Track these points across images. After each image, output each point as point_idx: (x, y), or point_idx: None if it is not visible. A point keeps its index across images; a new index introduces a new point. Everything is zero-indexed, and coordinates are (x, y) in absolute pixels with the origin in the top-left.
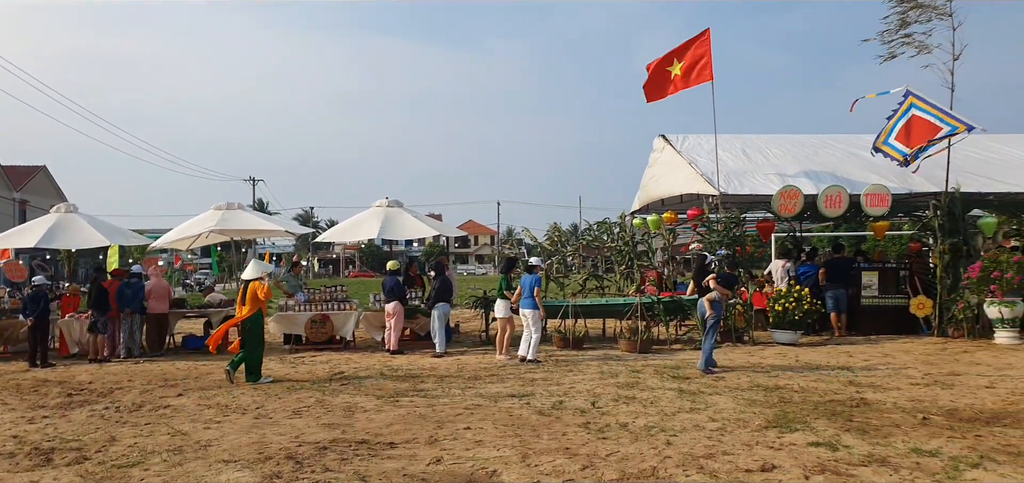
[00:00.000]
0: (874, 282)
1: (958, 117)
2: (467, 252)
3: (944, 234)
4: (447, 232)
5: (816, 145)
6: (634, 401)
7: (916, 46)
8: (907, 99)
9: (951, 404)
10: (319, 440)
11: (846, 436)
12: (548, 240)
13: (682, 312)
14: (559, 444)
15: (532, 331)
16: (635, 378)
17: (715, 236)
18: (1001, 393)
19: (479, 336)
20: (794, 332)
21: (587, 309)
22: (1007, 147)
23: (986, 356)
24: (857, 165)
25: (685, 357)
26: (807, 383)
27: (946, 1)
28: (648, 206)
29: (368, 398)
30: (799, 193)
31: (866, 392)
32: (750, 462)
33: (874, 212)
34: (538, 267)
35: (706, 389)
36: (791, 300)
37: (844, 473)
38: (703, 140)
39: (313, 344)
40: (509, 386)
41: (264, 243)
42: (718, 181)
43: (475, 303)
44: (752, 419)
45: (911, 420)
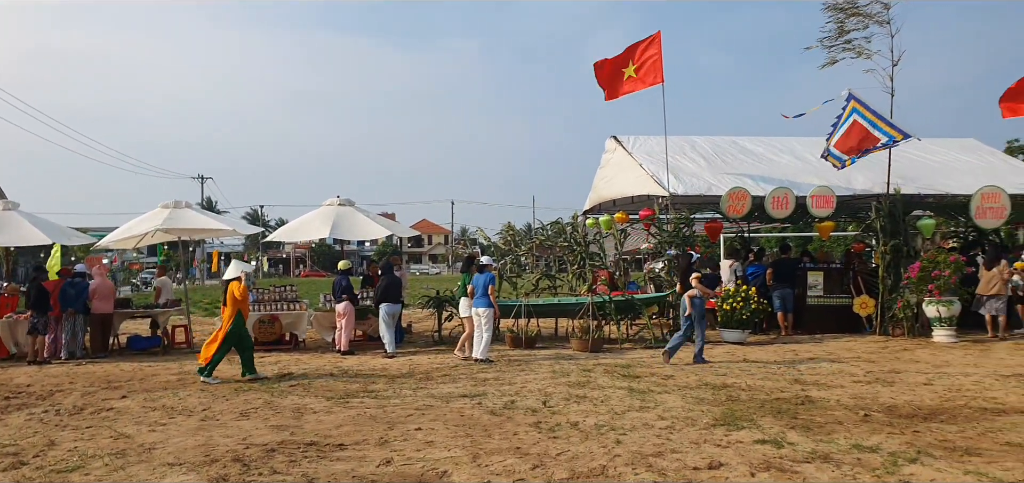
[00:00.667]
0: (819, 282)
1: (896, 126)
2: (421, 252)
3: (885, 235)
4: (400, 232)
5: (764, 147)
6: (585, 400)
7: (856, 51)
8: (850, 103)
9: (891, 401)
10: (267, 442)
11: (791, 433)
12: (502, 240)
13: (633, 311)
14: (510, 444)
15: (484, 331)
16: (586, 377)
17: (665, 236)
18: (938, 390)
19: (432, 336)
20: (742, 331)
21: (540, 308)
22: (945, 151)
23: (925, 354)
24: (803, 167)
25: (635, 356)
26: (754, 381)
27: (884, 9)
28: (600, 206)
29: (318, 399)
30: (747, 194)
31: (811, 390)
32: (698, 460)
33: (820, 213)
34: (491, 266)
35: (656, 388)
36: (739, 300)
37: (789, 470)
38: (653, 141)
39: (262, 345)
40: (461, 386)
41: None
42: (668, 182)
43: (428, 303)
44: (700, 417)
45: (853, 417)
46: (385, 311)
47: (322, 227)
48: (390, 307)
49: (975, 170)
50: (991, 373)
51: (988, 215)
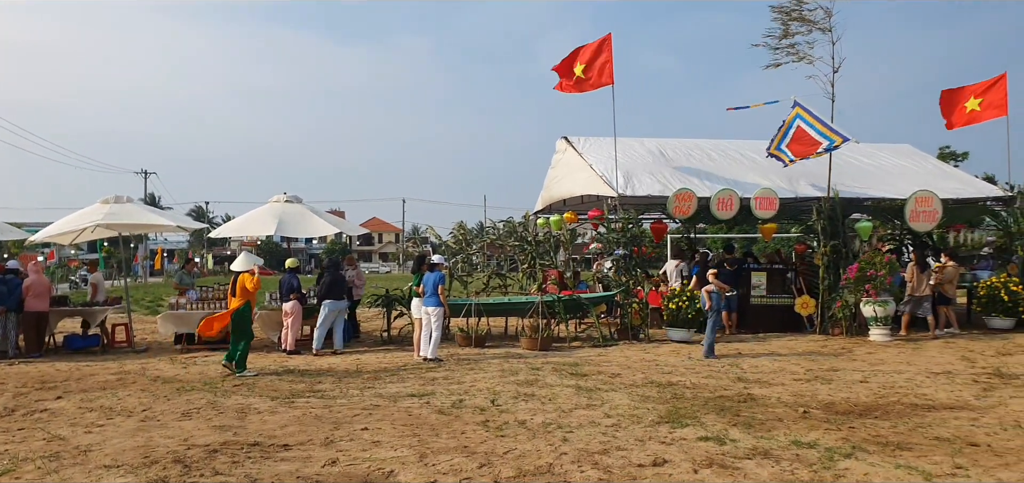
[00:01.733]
0: (763, 282)
1: (836, 130)
2: (371, 250)
3: (826, 237)
4: (349, 230)
5: (709, 149)
6: (533, 398)
7: (798, 56)
8: (794, 109)
9: (829, 398)
10: (209, 443)
11: (733, 430)
12: (453, 239)
13: (582, 310)
14: (457, 443)
15: (433, 330)
16: (535, 376)
17: (614, 236)
18: (873, 387)
19: (380, 335)
20: (687, 330)
21: (490, 307)
22: (882, 156)
23: (862, 352)
24: (748, 169)
25: (583, 354)
26: (699, 380)
27: (826, 16)
28: (551, 206)
29: (262, 399)
30: (693, 196)
31: (753, 388)
32: (643, 457)
33: (763, 215)
34: (441, 265)
35: (603, 386)
36: (684, 299)
37: (730, 466)
38: (603, 142)
39: (206, 343)
40: (409, 386)
41: (156, 239)
42: (616, 183)
43: (377, 302)
44: (646, 415)
45: (793, 414)
46: (328, 308)
47: (268, 224)
48: (333, 304)
49: (910, 175)
50: (922, 371)
51: (921, 218)
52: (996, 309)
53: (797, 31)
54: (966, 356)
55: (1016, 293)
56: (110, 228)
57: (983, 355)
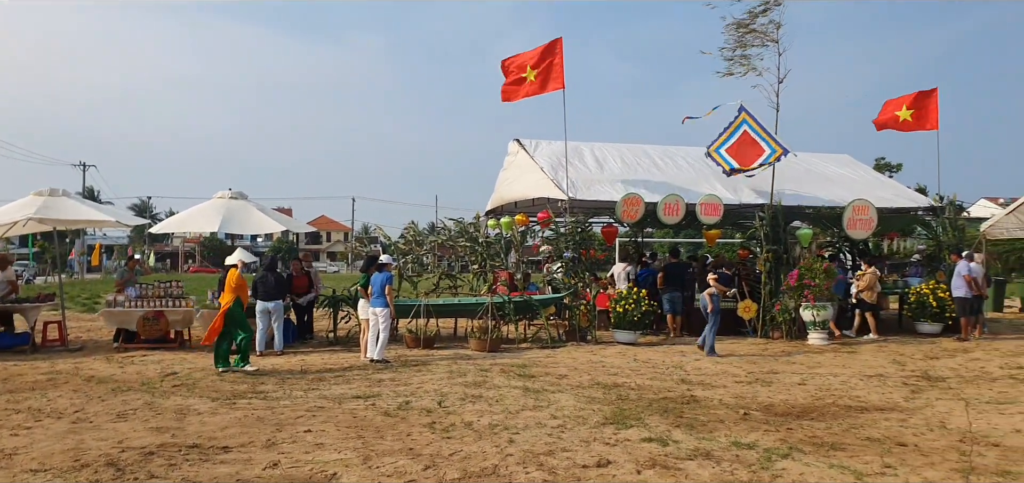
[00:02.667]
0: None
1: (778, 141)
2: (319, 249)
3: (768, 243)
4: (296, 227)
5: (658, 155)
6: (480, 400)
7: (747, 67)
8: (740, 115)
9: (769, 400)
10: (145, 445)
11: (676, 432)
12: (403, 239)
13: (531, 312)
14: (403, 445)
15: (381, 331)
16: (483, 377)
17: (563, 240)
18: (811, 390)
19: (326, 336)
20: (633, 332)
21: (439, 308)
22: (823, 164)
23: (800, 356)
24: (694, 175)
25: (532, 356)
26: (643, 381)
27: (774, 28)
28: (502, 207)
29: (202, 400)
30: (640, 200)
31: (696, 390)
32: (587, 458)
33: (707, 221)
34: (390, 265)
35: (549, 387)
36: (631, 302)
37: (672, 467)
38: (555, 146)
39: (145, 342)
40: (355, 387)
41: (94, 234)
42: (567, 186)
43: (323, 302)
44: (591, 416)
45: (734, 415)
46: (257, 308)
47: (212, 220)
48: (261, 304)
49: (848, 184)
50: (857, 374)
51: (858, 226)
52: (925, 314)
53: (751, 43)
54: (897, 360)
55: (943, 299)
56: (43, 223)
57: (913, 359)
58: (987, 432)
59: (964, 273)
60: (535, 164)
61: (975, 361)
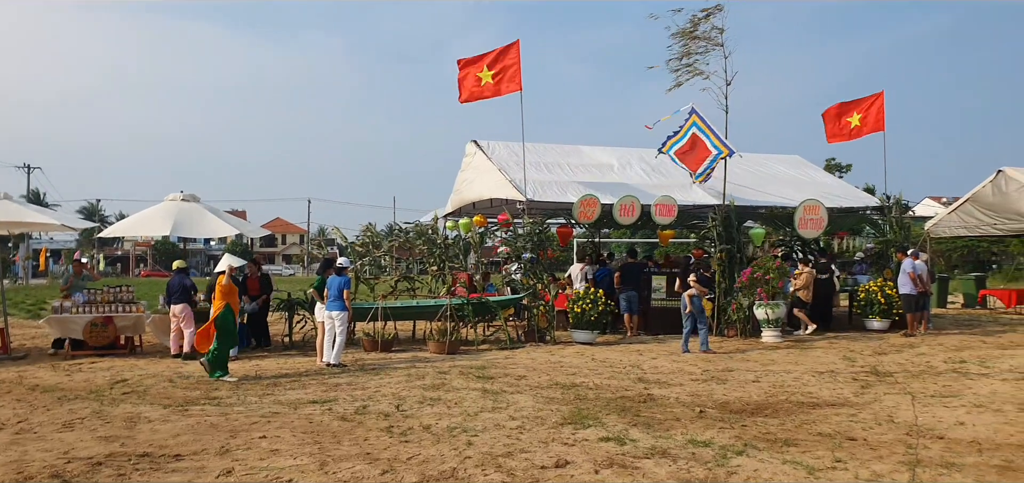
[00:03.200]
0: (663, 285)
1: (724, 142)
2: (274, 251)
3: (721, 242)
4: (250, 231)
5: (615, 157)
6: (439, 403)
7: (694, 71)
8: (691, 116)
9: (724, 398)
10: (93, 455)
11: (633, 430)
12: (360, 241)
13: (490, 313)
14: (360, 449)
15: (337, 334)
16: (441, 380)
17: (521, 240)
18: (764, 387)
19: (282, 340)
20: (591, 332)
21: (397, 311)
22: (774, 165)
23: (754, 353)
24: (649, 177)
25: (491, 357)
26: (601, 380)
27: (718, 33)
28: (460, 209)
29: (153, 407)
30: (597, 202)
31: (653, 388)
32: (545, 459)
33: (662, 222)
34: (346, 268)
35: (508, 389)
36: (588, 302)
37: (630, 466)
38: (512, 147)
39: (94, 349)
40: (311, 392)
41: (40, 238)
42: (525, 188)
43: (279, 306)
44: (549, 417)
45: (690, 413)
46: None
47: (163, 224)
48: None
49: (799, 184)
50: (809, 370)
51: (809, 226)
52: (873, 311)
53: (696, 50)
54: (847, 356)
55: (891, 296)
56: None
57: (862, 355)
58: (932, 425)
59: (909, 271)
60: (493, 165)
61: (921, 356)
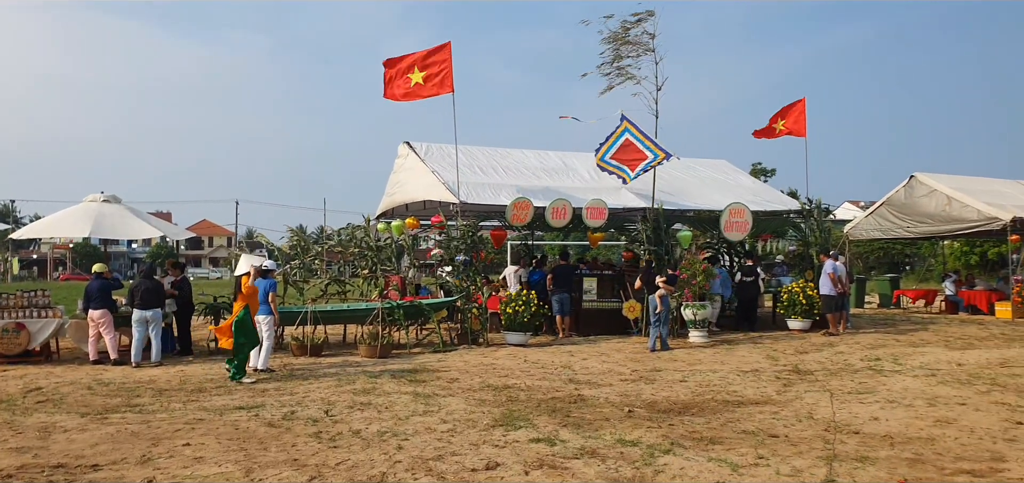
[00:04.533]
0: (594, 287)
1: (660, 145)
2: (200, 254)
3: (650, 245)
4: (174, 233)
5: (546, 159)
6: (369, 407)
7: (626, 76)
8: (622, 123)
9: (652, 397)
10: (2, 468)
11: (563, 431)
12: (288, 244)
13: (423, 316)
14: (287, 455)
15: (265, 339)
16: (372, 384)
17: (454, 243)
18: (691, 386)
19: (208, 346)
20: (524, 334)
21: (327, 315)
22: (701, 169)
23: (682, 353)
24: (581, 180)
25: (423, 361)
26: (533, 382)
27: (650, 38)
28: (393, 211)
29: (70, 416)
30: (529, 204)
31: (583, 389)
32: (476, 461)
33: (593, 224)
34: (272, 271)
35: (440, 392)
36: (521, 303)
37: (560, 467)
38: (445, 149)
39: (5, 358)
40: (237, 398)
41: None
42: (458, 190)
43: (204, 310)
44: (481, 419)
45: (619, 413)
46: (138, 316)
47: (82, 225)
48: (137, 313)
49: (725, 188)
50: (734, 369)
51: (734, 228)
52: (795, 311)
53: (627, 55)
54: (770, 355)
55: (812, 297)
56: None
57: (784, 354)
58: (849, 421)
59: (830, 272)
60: (426, 167)
61: (840, 354)
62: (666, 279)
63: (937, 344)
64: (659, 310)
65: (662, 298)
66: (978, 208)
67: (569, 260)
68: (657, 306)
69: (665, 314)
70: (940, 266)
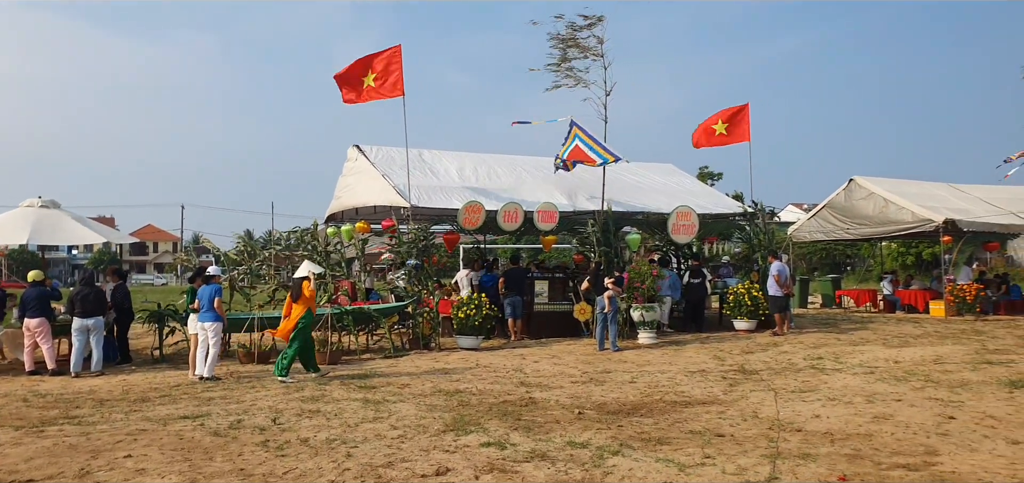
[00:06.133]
0: (545, 290)
1: (609, 149)
2: (144, 260)
3: (600, 247)
4: (117, 238)
5: (497, 163)
6: (318, 414)
7: (575, 79)
8: (572, 129)
9: (602, 399)
10: None
11: (514, 434)
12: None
13: (373, 322)
14: (233, 465)
15: (211, 346)
16: (321, 391)
17: (405, 247)
18: (640, 387)
19: (151, 354)
20: (476, 337)
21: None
22: (649, 174)
23: (631, 355)
24: (532, 183)
25: (374, 366)
26: (484, 386)
27: (599, 44)
28: (342, 215)
29: (4, 430)
30: (481, 208)
31: (534, 392)
32: (426, 467)
33: (544, 227)
34: (217, 276)
35: (391, 397)
36: (472, 307)
37: (510, 470)
38: (396, 153)
39: None
40: (182, 407)
41: None
42: (409, 194)
43: (148, 317)
44: (432, 424)
45: (569, 415)
46: (78, 325)
47: (19, 231)
48: (78, 321)
49: (672, 192)
50: (682, 370)
51: (681, 231)
52: (741, 312)
53: (574, 57)
54: (717, 355)
55: (757, 298)
56: None
57: (731, 354)
58: (792, 419)
59: (774, 273)
60: (376, 171)
61: (784, 354)
62: (614, 280)
63: (876, 343)
64: (606, 310)
65: (610, 299)
66: (913, 210)
67: (520, 263)
68: (605, 306)
69: (613, 314)
70: (879, 267)
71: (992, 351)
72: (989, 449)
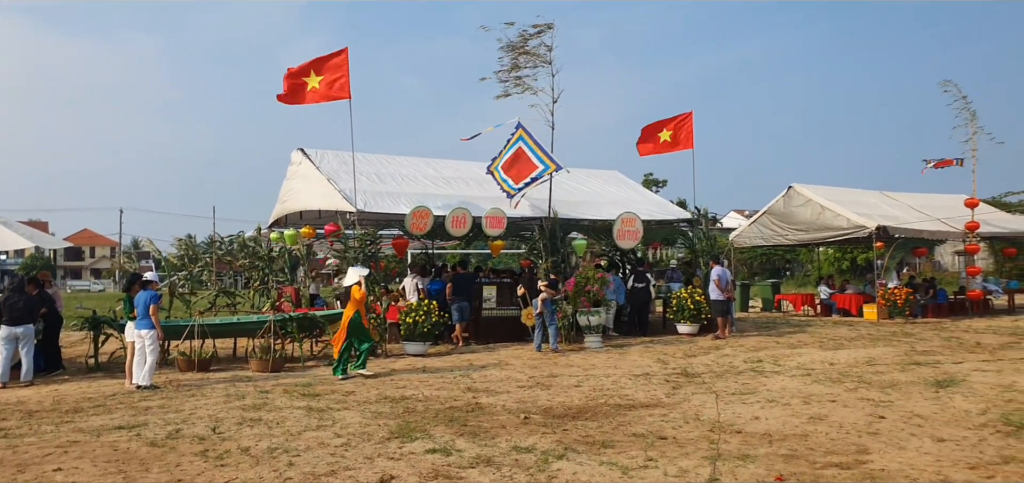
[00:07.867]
0: (493, 295)
1: (551, 157)
2: (81, 265)
3: (547, 253)
4: (49, 242)
5: (445, 168)
6: (260, 423)
7: (523, 87)
8: (518, 131)
9: (548, 403)
10: None
11: (460, 440)
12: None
13: (317, 328)
14: (171, 476)
15: (148, 354)
16: (263, 399)
17: (351, 252)
18: (586, 391)
19: (86, 362)
20: (423, 343)
21: (216, 328)
22: (595, 181)
23: (578, 359)
24: (480, 189)
25: (318, 374)
26: (431, 392)
27: (547, 51)
28: (286, 219)
29: None
30: (429, 213)
31: (481, 397)
32: (370, 475)
33: (492, 233)
34: (153, 282)
35: (335, 405)
36: (421, 313)
37: (455, 477)
38: (342, 156)
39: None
40: (117, 417)
41: None
42: (355, 198)
43: (83, 324)
44: (376, 431)
45: (515, 420)
46: (6, 333)
47: None
48: (6, 329)
49: (617, 198)
50: (626, 373)
51: (626, 237)
52: (685, 316)
53: (524, 64)
54: (661, 358)
55: (700, 302)
56: None
57: (674, 357)
58: (732, 421)
59: (715, 278)
60: (321, 175)
61: (725, 357)
62: (548, 283)
63: (813, 345)
64: (540, 311)
65: (545, 301)
66: (848, 217)
67: (468, 268)
68: (539, 307)
69: (550, 315)
70: (816, 272)
71: (920, 352)
72: (916, 447)
